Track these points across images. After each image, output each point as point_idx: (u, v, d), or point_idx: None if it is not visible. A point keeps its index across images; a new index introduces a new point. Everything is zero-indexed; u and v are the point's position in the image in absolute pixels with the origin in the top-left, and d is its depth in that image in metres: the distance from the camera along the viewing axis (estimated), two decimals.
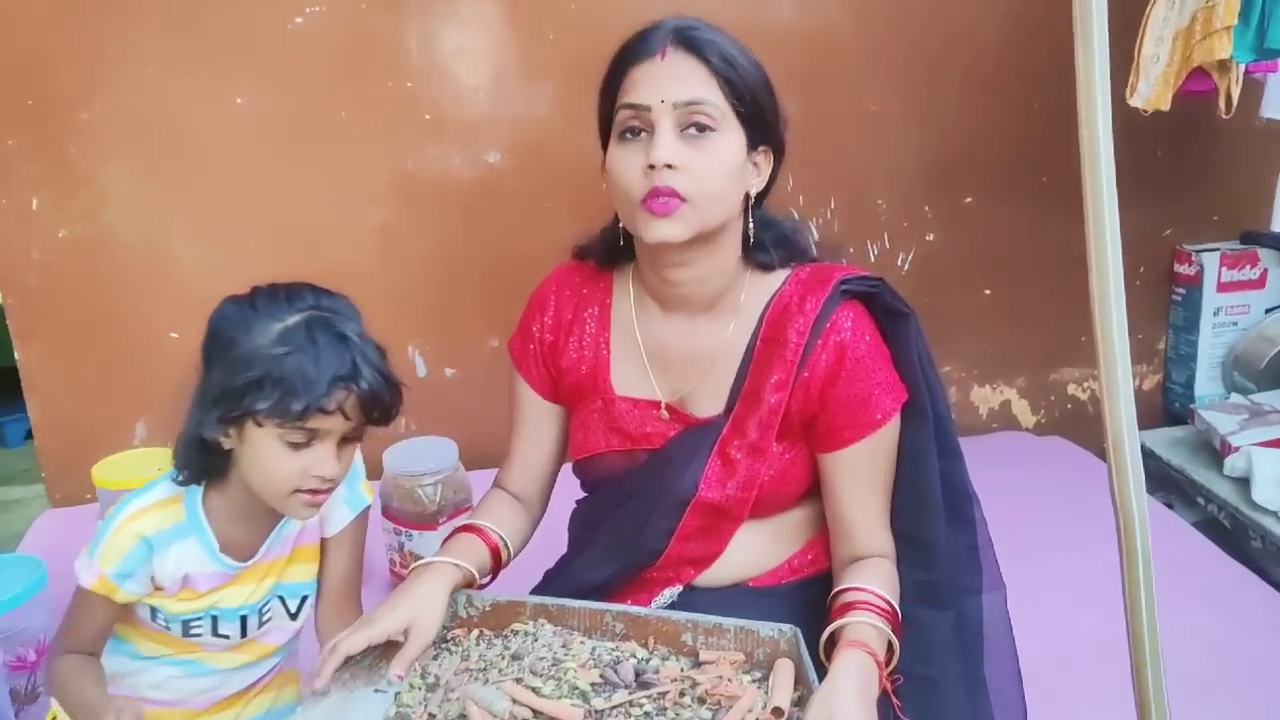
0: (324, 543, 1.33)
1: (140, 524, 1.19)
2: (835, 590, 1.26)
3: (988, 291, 2.54)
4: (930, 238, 2.48)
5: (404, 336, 2.32)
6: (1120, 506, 1.11)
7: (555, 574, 1.44)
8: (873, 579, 1.24)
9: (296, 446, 1.13)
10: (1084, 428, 2.62)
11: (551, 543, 1.47)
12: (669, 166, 1.17)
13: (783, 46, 2.27)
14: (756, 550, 1.34)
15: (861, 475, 1.29)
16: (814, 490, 1.34)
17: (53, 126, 2.11)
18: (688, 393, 1.34)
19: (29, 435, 3.87)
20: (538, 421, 1.44)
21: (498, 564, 1.36)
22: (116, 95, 2.12)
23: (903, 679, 1.20)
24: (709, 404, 1.33)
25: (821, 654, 1.18)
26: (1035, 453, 2.48)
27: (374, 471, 1.72)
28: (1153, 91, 1.85)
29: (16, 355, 2.21)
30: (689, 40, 1.20)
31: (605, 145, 1.28)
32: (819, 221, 2.40)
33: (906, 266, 2.47)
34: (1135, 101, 1.86)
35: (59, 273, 2.18)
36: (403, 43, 2.18)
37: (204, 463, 1.19)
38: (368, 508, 1.34)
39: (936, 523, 1.32)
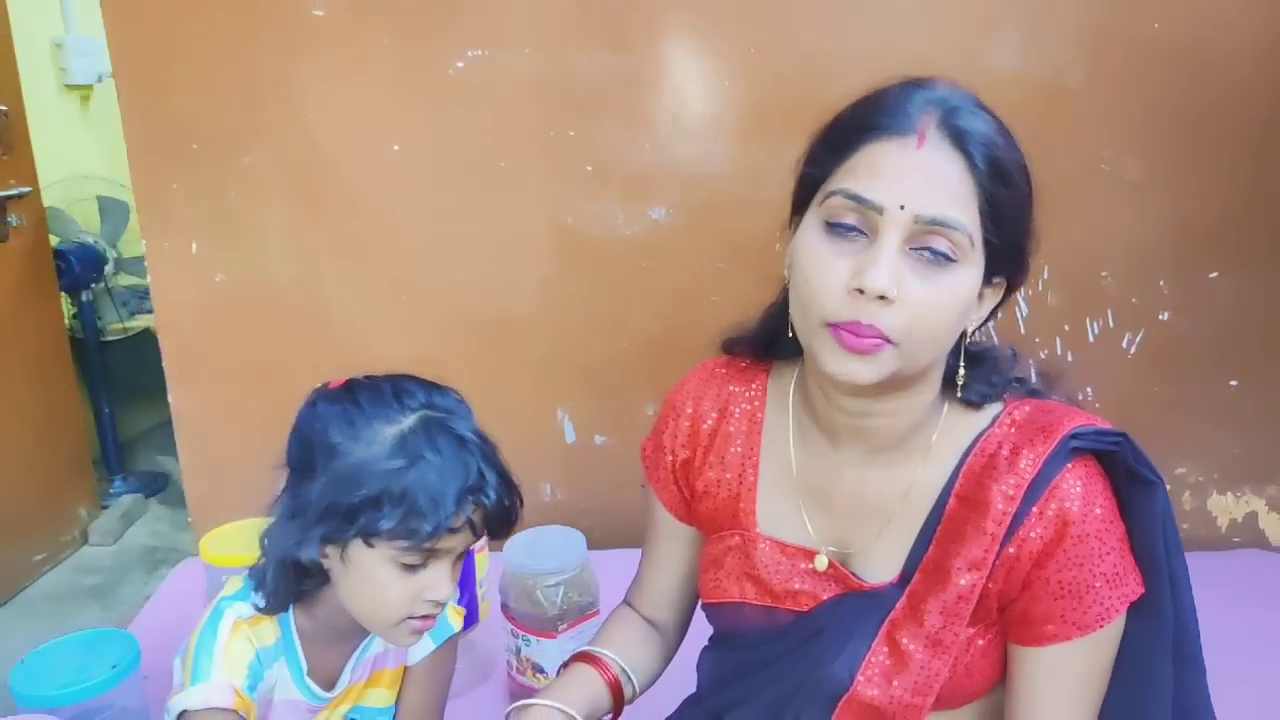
0: (405, 671, 1.19)
1: (250, 633, 1.05)
2: None
3: (1235, 383, 2.14)
4: (1165, 317, 2.11)
5: (554, 399, 2.16)
6: None
7: None
8: None
9: (412, 569, 0.99)
10: None
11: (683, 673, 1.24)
12: (882, 298, 0.89)
13: (998, 92, 1.95)
14: None
15: (1060, 687, 0.98)
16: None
17: (215, 171, 2.08)
18: (853, 547, 1.06)
19: None
20: (671, 543, 1.21)
21: (619, 701, 1.15)
22: (276, 140, 2.07)
23: None
24: (878, 567, 1.04)
25: None
26: None
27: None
28: None
29: (170, 399, 2.20)
30: (960, 132, 0.89)
31: (794, 213, 1.00)
32: (1029, 294, 2.08)
33: (1134, 350, 2.11)
34: None
35: (214, 317, 2.16)
36: (566, 89, 2.03)
37: (297, 587, 1.05)
38: (454, 636, 1.19)
39: None
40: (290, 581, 1.03)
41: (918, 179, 0.88)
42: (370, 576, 0.99)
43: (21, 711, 1.37)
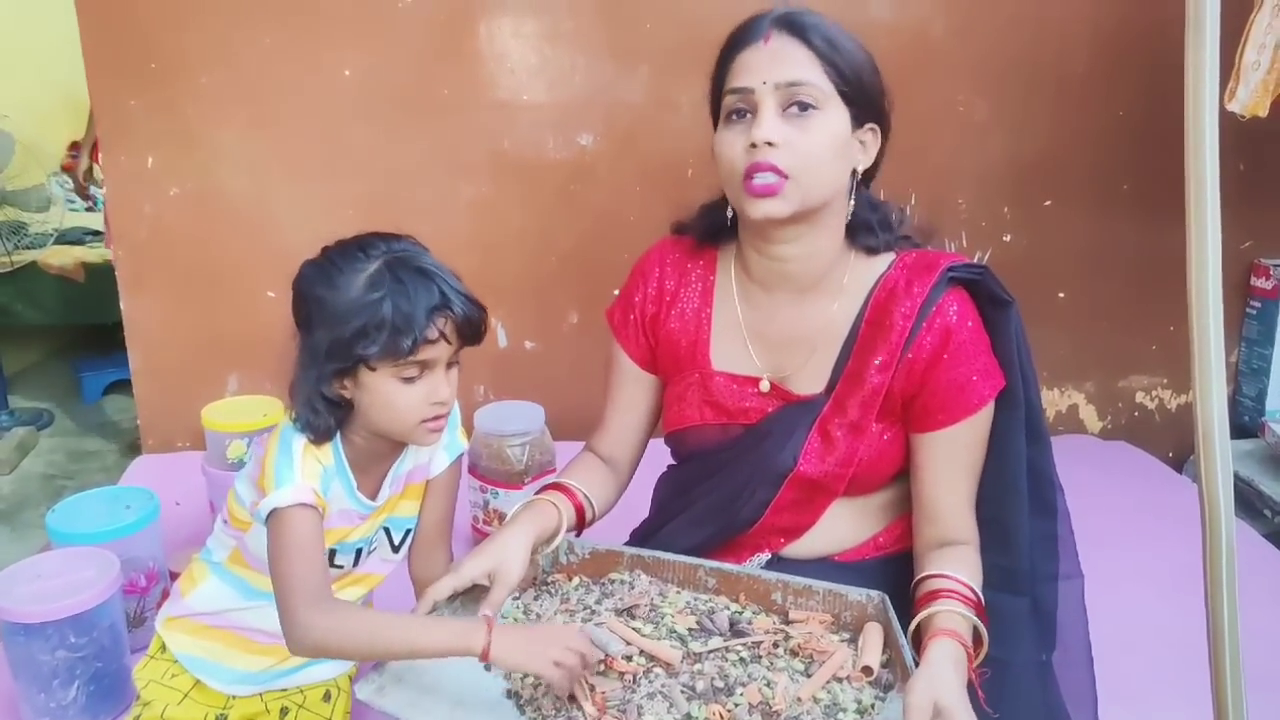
0: (427, 485, 1.38)
1: (316, 453, 1.23)
2: (922, 575, 1.27)
3: (1062, 295, 2.56)
4: (1008, 238, 2.51)
5: (489, 308, 2.36)
6: (1207, 499, 1.10)
7: (643, 537, 1.49)
8: (962, 568, 1.24)
9: (411, 380, 1.18)
10: (1149, 435, 2.64)
11: (633, 506, 1.52)
12: (770, 144, 1.21)
13: (873, 41, 2.28)
14: (845, 526, 1.38)
15: (952, 459, 1.31)
16: (904, 471, 1.36)
17: (173, 89, 2.21)
18: (788, 371, 1.36)
19: (105, 392, 4.06)
20: (633, 390, 1.48)
21: (582, 522, 1.40)
22: (235, 62, 2.22)
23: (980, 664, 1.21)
24: (809, 382, 1.35)
25: (910, 637, 1.20)
26: (1101, 456, 2.49)
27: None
28: (1251, 98, 1.87)
29: (122, 305, 2.31)
30: (792, 25, 1.24)
31: (714, 124, 1.31)
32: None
33: None
34: (1233, 106, 1.88)
35: (168, 228, 2.29)
36: (505, 26, 2.26)
37: (330, 419, 1.23)
38: (463, 454, 1.39)
39: (1020, 510, 1.34)
40: (324, 415, 1.22)
41: (770, 62, 1.24)
42: (382, 395, 1.19)
43: (57, 548, 1.51)
